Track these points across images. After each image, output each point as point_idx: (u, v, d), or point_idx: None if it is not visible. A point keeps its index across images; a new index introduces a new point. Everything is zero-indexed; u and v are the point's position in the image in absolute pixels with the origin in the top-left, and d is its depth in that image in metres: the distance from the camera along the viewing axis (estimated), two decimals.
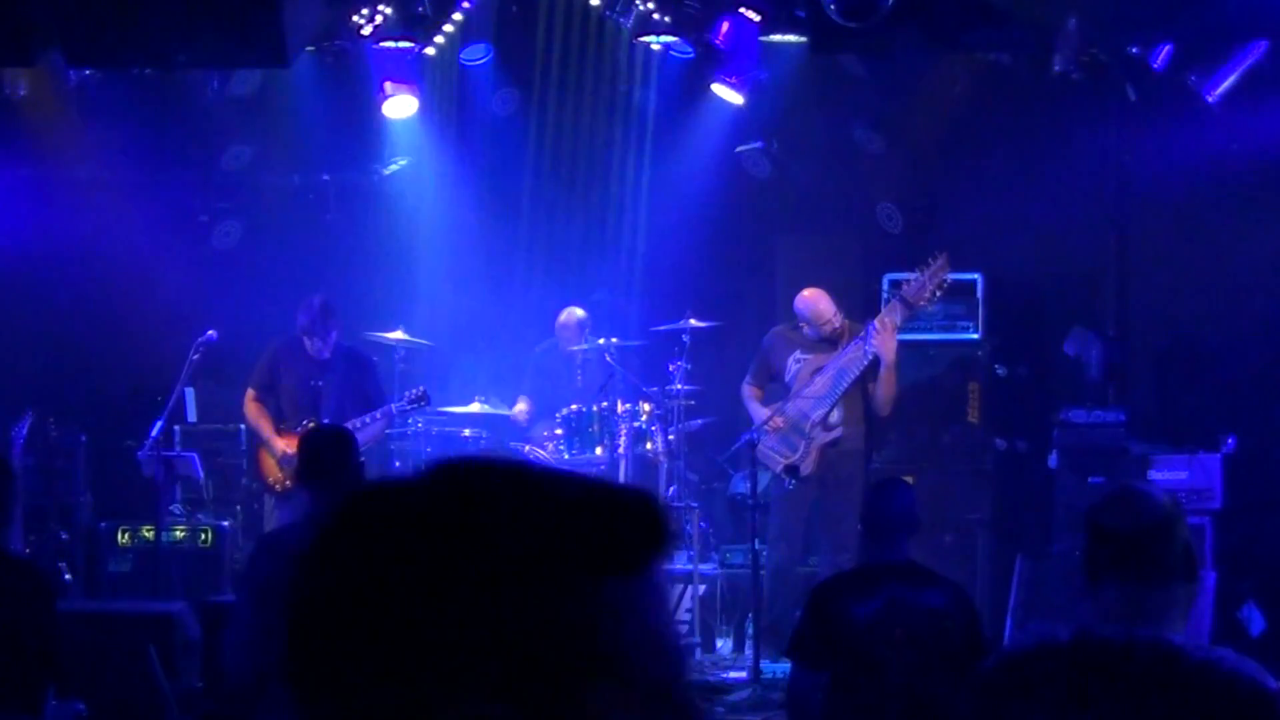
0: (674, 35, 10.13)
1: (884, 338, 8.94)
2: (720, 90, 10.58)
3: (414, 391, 9.73)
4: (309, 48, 9.94)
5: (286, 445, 9.36)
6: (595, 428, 10.61)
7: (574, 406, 10.73)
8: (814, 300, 9.29)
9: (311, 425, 9.24)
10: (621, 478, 9.97)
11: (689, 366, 10.30)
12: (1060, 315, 10.61)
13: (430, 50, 10.81)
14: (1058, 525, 9.42)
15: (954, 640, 5.38)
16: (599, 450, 10.58)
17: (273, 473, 9.49)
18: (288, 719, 4.73)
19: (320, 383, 9.40)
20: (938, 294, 9.17)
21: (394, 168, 11.71)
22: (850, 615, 5.43)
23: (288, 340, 9.60)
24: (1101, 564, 3.05)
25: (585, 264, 11.90)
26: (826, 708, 5.48)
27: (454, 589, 1.30)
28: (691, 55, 10.54)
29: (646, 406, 10.29)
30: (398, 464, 11.13)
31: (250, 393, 9.60)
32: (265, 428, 9.50)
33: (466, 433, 11.24)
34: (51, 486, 10.39)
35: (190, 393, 10.60)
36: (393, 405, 9.56)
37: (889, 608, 5.40)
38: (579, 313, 11.30)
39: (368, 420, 9.29)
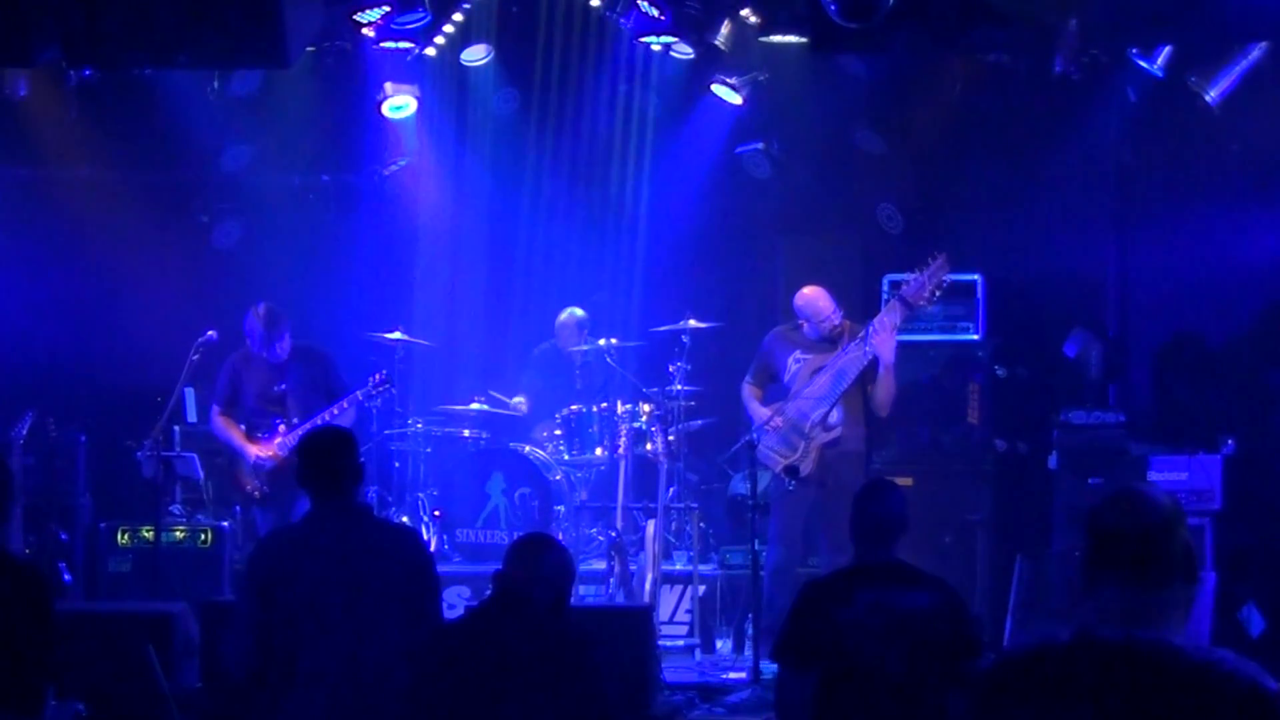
0: (674, 35, 10.12)
1: (883, 338, 8.93)
2: (720, 90, 10.57)
3: (377, 376, 9.66)
4: (309, 48, 9.92)
5: (259, 451, 9.33)
6: (595, 428, 10.62)
7: (574, 407, 10.74)
8: (814, 298, 9.29)
9: (282, 428, 9.25)
10: (621, 478, 9.97)
11: (689, 367, 10.30)
12: (1060, 316, 10.61)
13: (430, 50, 10.81)
14: (1057, 526, 9.43)
15: (940, 641, 5.36)
16: (599, 451, 10.59)
17: (247, 482, 9.46)
18: (282, 719, 4.69)
19: (282, 386, 9.37)
20: (937, 294, 9.17)
21: (394, 168, 11.71)
22: (834, 617, 5.41)
23: (243, 351, 9.53)
24: (1101, 565, 3.05)
25: (585, 264, 11.90)
26: (815, 709, 5.48)
27: None
28: (691, 55, 10.54)
29: (646, 407, 10.29)
30: (397, 464, 11.14)
31: (216, 408, 9.55)
32: (236, 437, 9.44)
33: (466, 433, 11.24)
34: (51, 487, 10.39)
35: (190, 393, 10.60)
36: (358, 392, 9.52)
37: (873, 609, 5.38)
38: (578, 313, 11.30)
39: (335, 412, 9.25)
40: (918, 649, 5.35)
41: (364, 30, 9.57)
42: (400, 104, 10.61)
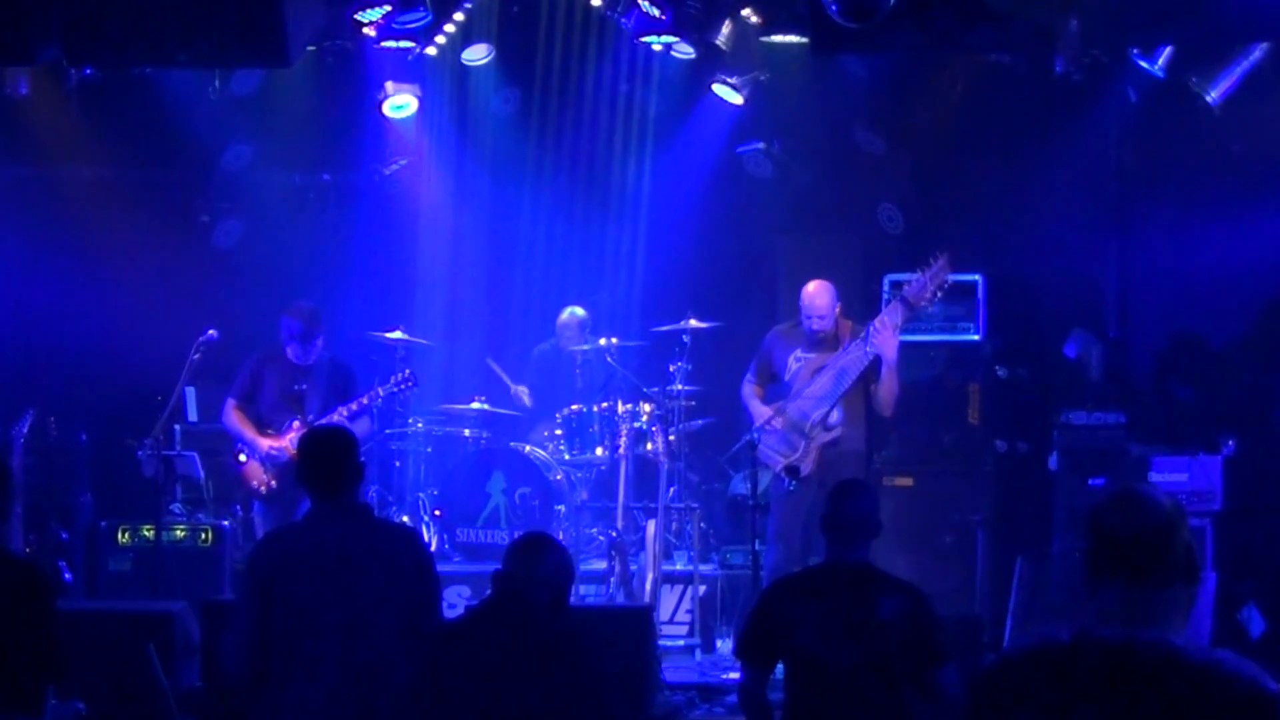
0: (675, 35, 10.13)
1: (885, 338, 8.93)
2: (721, 90, 10.57)
3: (400, 374, 9.69)
4: (310, 47, 9.93)
5: (272, 444, 9.34)
6: (596, 428, 10.62)
7: (575, 406, 10.74)
8: (817, 292, 9.29)
9: (297, 424, 9.26)
10: (621, 478, 9.97)
11: (689, 367, 10.30)
12: (1060, 316, 10.62)
13: (431, 50, 10.81)
14: (1058, 526, 9.43)
15: (899, 646, 5.36)
16: (599, 450, 10.59)
17: (255, 474, 9.46)
18: (281, 718, 4.69)
19: (303, 386, 9.39)
20: (939, 295, 9.17)
21: (394, 168, 11.71)
22: (793, 617, 5.42)
23: (268, 350, 9.57)
24: (1102, 565, 3.05)
25: (586, 264, 11.91)
26: (785, 706, 5.50)
27: None
28: (692, 55, 10.55)
29: (647, 407, 10.29)
30: (397, 464, 11.14)
31: (231, 402, 9.56)
32: (248, 431, 9.45)
33: (467, 432, 11.25)
34: (52, 486, 10.39)
35: (190, 392, 10.61)
36: (379, 388, 9.53)
37: (832, 611, 5.39)
38: (579, 312, 11.31)
39: (354, 407, 9.26)
40: (874, 652, 5.35)
41: (365, 30, 9.57)
42: (401, 103, 10.61)
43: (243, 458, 9.41)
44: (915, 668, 5.35)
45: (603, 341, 10.93)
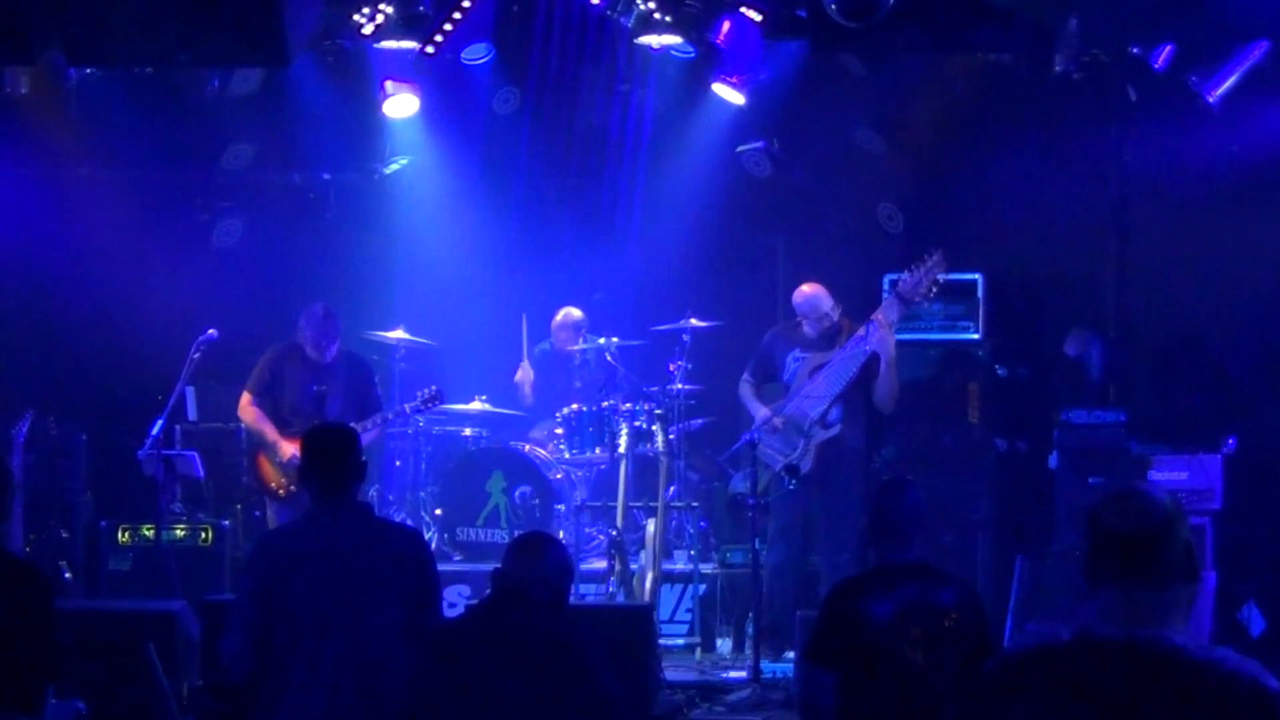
0: (675, 35, 10.13)
1: (881, 334, 8.95)
2: (721, 90, 10.56)
3: (427, 391, 9.74)
4: (310, 47, 9.93)
5: (295, 450, 9.34)
6: (595, 427, 10.62)
7: (574, 406, 10.74)
8: (813, 295, 9.31)
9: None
10: (622, 477, 9.97)
11: (689, 366, 10.31)
12: (1060, 315, 10.62)
13: (430, 49, 10.80)
14: (1058, 525, 9.43)
15: (967, 639, 5.39)
16: (599, 450, 10.59)
17: (274, 478, 9.47)
18: (280, 718, 4.70)
19: (323, 387, 9.40)
20: (933, 290, 9.17)
21: (394, 167, 11.70)
22: (867, 616, 5.41)
23: (287, 345, 9.58)
24: (1102, 564, 3.05)
25: (585, 263, 11.90)
26: (841, 708, 5.47)
27: None
28: (692, 55, 10.54)
29: (647, 406, 10.29)
30: (397, 463, 11.14)
31: (247, 396, 9.57)
32: (269, 432, 9.46)
33: (467, 432, 11.25)
34: (52, 485, 10.39)
35: (191, 392, 10.60)
36: (405, 405, 9.56)
37: (905, 608, 5.40)
38: (575, 313, 11.30)
39: (369, 426, 9.28)
40: (947, 647, 5.36)
41: (363, 30, 9.58)
42: (401, 103, 10.60)
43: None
44: (974, 659, 5.36)
45: (603, 340, 10.94)
